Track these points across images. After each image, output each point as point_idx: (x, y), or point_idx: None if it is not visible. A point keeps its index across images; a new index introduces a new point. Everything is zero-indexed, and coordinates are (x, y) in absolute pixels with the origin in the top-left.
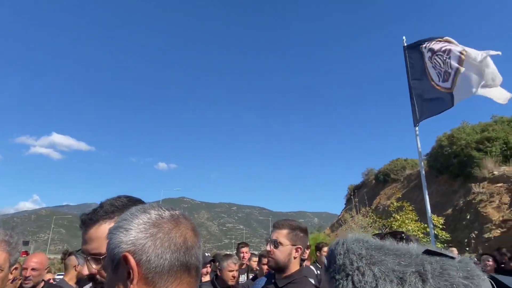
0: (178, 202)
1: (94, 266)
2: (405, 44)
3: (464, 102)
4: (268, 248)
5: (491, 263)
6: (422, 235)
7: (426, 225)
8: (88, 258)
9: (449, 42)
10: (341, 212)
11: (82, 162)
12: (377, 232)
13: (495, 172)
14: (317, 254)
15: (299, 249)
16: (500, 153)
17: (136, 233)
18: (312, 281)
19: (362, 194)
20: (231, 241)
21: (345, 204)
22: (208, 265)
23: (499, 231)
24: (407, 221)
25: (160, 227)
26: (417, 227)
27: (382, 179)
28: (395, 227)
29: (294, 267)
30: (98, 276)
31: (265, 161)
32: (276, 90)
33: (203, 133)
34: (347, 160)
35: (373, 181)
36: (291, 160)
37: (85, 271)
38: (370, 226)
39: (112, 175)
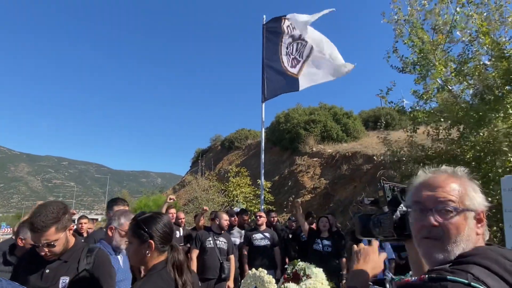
0: None
1: None
2: (265, 22)
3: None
4: (42, 253)
5: (327, 224)
6: (253, 197)
7: (256, 188)
8: None
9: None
10: (186, 174)
11: None
12: (217, 193)
13: (314, 149)
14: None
15: (71, 229)
16: (320, 134)
17: None
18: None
19: (209, 158)
20: (58, 198)
21: (190, 166)
22: None
23: (309, 196)
24: (241, 185)
25: None
26: (250, 190)
27: (227, 146)
28: (231, 190)
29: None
30: None
31: (107, 117)
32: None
33: (34, 69)
34: (197, 125)
35: (219, 147)
36: (138, 119)
37: None
38: (211, 189)
39: None
